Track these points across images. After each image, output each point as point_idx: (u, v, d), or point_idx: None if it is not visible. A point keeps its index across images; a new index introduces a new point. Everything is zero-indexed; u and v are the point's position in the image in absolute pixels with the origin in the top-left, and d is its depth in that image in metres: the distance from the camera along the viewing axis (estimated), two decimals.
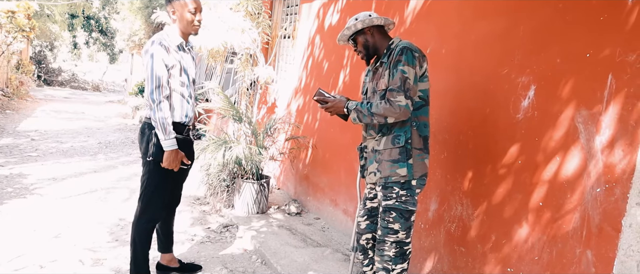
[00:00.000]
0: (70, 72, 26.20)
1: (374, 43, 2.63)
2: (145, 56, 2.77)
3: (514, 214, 2.58)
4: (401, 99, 2.36)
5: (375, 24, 2.60)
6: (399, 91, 2.37)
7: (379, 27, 2.64)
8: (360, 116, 2.48)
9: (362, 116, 2.47)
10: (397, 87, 2.38)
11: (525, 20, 2.61)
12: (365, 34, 2.62)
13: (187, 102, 2.96)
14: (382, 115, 2.40)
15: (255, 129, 4.97)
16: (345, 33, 2.64)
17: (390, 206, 2.51)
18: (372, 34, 2.62)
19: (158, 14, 5.68)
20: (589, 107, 2.22)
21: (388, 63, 2.49)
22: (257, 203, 4.77)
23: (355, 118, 2.52)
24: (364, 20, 2.58)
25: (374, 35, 2.62)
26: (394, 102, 2.37)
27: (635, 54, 2.04)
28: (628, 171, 2.04)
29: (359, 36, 2.64)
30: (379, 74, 2.58)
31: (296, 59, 5.74)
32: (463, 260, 2.91)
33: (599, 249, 2.14)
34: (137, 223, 2.97)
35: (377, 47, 2.64)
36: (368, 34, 2.62)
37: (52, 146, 7.73)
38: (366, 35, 2.62)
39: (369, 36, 2.62)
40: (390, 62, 2.46)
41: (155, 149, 2.83)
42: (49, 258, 3.41)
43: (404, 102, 2.36)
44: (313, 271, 3.45)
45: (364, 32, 2.62)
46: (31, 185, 5.22)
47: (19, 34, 12.15)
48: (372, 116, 2.43)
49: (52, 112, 12.53)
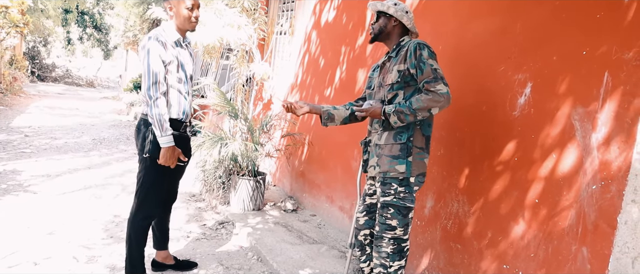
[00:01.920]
0: (64, 68, 26.07)
1: (389, 33, 2.66)
2: (142, 52, 2.76)
3: (510, 211, 2.59)
4: (441, 87, 2.37)
5: (404, 21, 2.62)
6: (436, 81, 2.38)
7: (403, 25, 2.66)
8: (402, 116, 2.41)
9: (404, 115, 2.41)
10: (432, 78, 2.39)
11: (522, 17, 2.61)
12: (389, 20, 2.64)
13: (184, 99, 2.94)
14: (426, 107, 2.37)
15: (251, 126, 4.96)
16: (377, 5, 2.65)
17: (389, 202, 2.51)
18: (394, 26, 2.64)
19: (153, 10, 5.66)
20: (585, 105, 2.23)
21: (398, 60, 2.52)
22: (253, 200, 4.76)
23: (396, 121, 2.44)
24: (397, 11, 2.60)
25: (394, 28, 2.65)
26: (436, 91, 2.37)
27: (632, 52, 2.04)
28: (624, 168, 2.05)
29: (384, 17, 2.65)
30: (387, 69, 2.61)
31: (292, 55, 5.73)
32: (459, 257, 2.91)
33: (594, 246, 2.15)
34: (133, 220, 2.95)
35: (388, 38, 2.68)
36: (392, 22, 2.64)
37: (45, 142, 7.69)
38: (389, 22, 2.64)
39: (391, 25, 2.64)
40: (405, 58, 2.48)
41: (152, 146, 2.81)
42: (43, 255, 3.39)
43: (444, 89, 2.37)
44: (309, 268, 3.45)
45: (390, 18, 2.64)
46: (25, 182, 5.19)
47: (13, 29, 12.07)
48: (414, 112, 2.39)
49: (46, 108, 12.46)
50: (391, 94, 2.55)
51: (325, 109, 2.83)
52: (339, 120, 2.85)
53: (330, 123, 2.84)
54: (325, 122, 2.84)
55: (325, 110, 2.82)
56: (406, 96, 2.51)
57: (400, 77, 2.50)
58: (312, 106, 2.81)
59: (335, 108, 2.86)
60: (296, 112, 2.79)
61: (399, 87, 2.52)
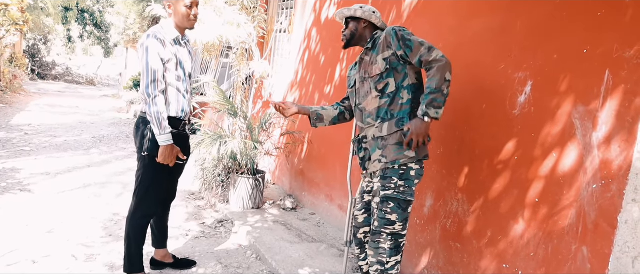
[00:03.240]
0: (64, 66, 26.06)
1: (361, 35, 2.70)
2: (141, 50, 2.75)
3: (510, 210, 2.58)
4: (437, 53, 2.34)
5: (373, 21, 2.67)
6: (429, 51, 2.36)
7: (373, 25, 2.70)
8: (435, 102, 2.32)
9: (435, 101, 2.32)
10: (424, 50, 2.36)
11: (522, 15, 2.60)
12: (359, 23, 2.69)
13: (183, 97, 2.93)
14: (442, 78, 2.31)
15: (250, 124, 4.95)
16: (345, 12, 2.70)
17: (389, 195, 2.49)
18: (364, 27, 2.69)
19: (153, 7, 5.64)
20: (585, 103, 2.22)
21: (378, 50, 2.53)
22: (252, 198, 4.75)
23: (437, 111, 2.33)
24: (366, 12, 2.65)
25: (365, 29, 2.69)
26: (436, 58, 2.34)
27: (633, 50, 2.03)
28: (624, 167, 2.03)
29: (353, 22, 2.70)
30: (367, 62, 2.61)
31: (292, 53, 5.71)
32: (459, 256, 2.90)
33: (594, 245, 2.14)
34: (132, 218, 2.95)
35: (361, 40, 2.71)
36: (361, 24, 2.68)
37: (45, 141, 7.68)
38: (359, 25, 2.69)
39: (361, 27, 2.69)
40: (386, 46, 2.49)
41: (151, 144, 2.80)
42: (42, 253, 3.38)
43: (440, 53, 2.35)
44: (308, 267, 3.44)
45: (359, 21, 2.68)
46: (24, 180, 5.19)
47: (12, 27, 12.05)
48: (439, 90, 2.31)
49: (46, 106, 12.46)
50: (382, 83, 2.53)
51: (314, 110, 2.87)
52: (328, 120, 2.88)
53: (320, 124, 2.89)
54: (315, 123, 2.88)
55: (313, 111, 2.87)
56: (398, 83, 2.50)
57: (388, 64, 2.49)
58: (300, 107, 2.86)
59: (323, 108, 2.88)
60: (284, 113, 2.82)
61: (389, 76, 2.51)
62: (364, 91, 2.63)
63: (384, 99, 2.52)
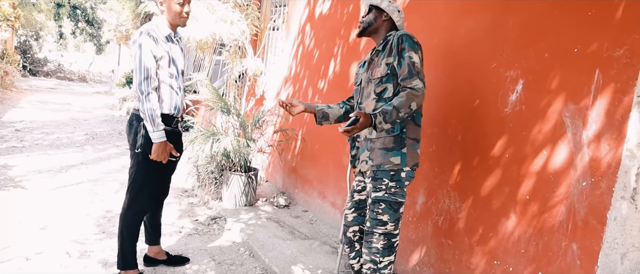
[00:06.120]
0: (56, 63, 25.89)
1: (378, 28, 2.66)
2: (133, 47, 2.75)
3: (501, 207, 2.60)
4: (417, 82, 2.37)
5: (394, 18, 2.63)
6: (411, 77, 2.39)
7: (393, 22, 2.67)
8: (386, 117, 2.33)
9: (388, 116, 2.33)
10: (407, 73, 2.39)
11: (514, 14, 2.62)
12: (381, 14, 2.64)
13: (176, 94, 2.94)
14: (406, 104, 2.34)
15: (243, 121, 4.95)
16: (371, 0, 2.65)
17: (380, 197, 2.51)
18: (384, 21, 2.65)
19: (146, 4, 5.62)
20: (576, 102, 2.24)
21: (385, 53, 2.52)
22: (245, 195, 4.76)
23: (381, 121, 2.33)
24: (390, 6, 2.61)
25: (384, 23, 2.65)
26: (412, 87, 2.37)
27: (622, 49, 2.06)
28: (613, 164, 2.06)
29: (376, 11, 2.65)
30: (375, 63, 2.60)
31: (286, 49, 5.71)
32: (450, 253, 2.93)
33: (584, 242, 2.16)
34: (125, 215, 2.95)
35: (376, 33, 2.68)
36: (382, 16, 2.64)
37: (37, 137, 7.64)
38: (380, 16, 2.64)
39: (381, 19, 2.65)
40: (391, 51, 2.49)
41: (144, 141, 2.80)
42: (35, 250, 3.37)
43: (420, 84, 2.37)
44: (301, 264, 3.45)
45: (382, 13, 2.64)
46: (16, 176, 5.16)
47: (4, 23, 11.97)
48: (397, 109, 2.32)
49: (38, 103, 12.37)
50: (380, 87, 2.54)
51: (320, 108, 2.85)
52: (333, 118, 2.87)
53: (325, 122, 2.88)
54: (320, 121, 2.86)
55: (319, 109, 2.84)
56: (396, 90, 2.51)
57: (390, 69, 2.50)
58: (306, 105, 2.83)
59: (329, 107, 2.87)
60: (291, 111, 2.80)
61: (388, 81, 2.52)
62: (366, 92, 2.65)
63: (380, 103, 2.53)
